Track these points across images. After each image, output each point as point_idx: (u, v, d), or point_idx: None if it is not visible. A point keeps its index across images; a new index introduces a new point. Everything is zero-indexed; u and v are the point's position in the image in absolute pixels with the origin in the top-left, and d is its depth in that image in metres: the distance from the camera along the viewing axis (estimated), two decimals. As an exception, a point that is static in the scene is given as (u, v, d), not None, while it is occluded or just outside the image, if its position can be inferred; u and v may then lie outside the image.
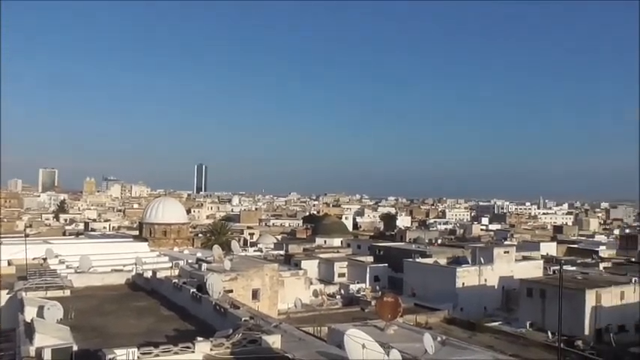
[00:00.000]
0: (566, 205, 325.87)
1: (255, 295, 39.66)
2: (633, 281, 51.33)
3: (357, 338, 16.11)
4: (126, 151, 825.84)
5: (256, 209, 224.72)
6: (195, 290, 27.63)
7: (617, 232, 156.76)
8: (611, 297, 48.49)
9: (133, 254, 46.99)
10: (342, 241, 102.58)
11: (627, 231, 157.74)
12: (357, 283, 66.38)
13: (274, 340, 18.26)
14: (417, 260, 68.10)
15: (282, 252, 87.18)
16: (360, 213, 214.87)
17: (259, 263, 46.54)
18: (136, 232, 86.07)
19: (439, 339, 21.35)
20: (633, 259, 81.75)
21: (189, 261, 47.68)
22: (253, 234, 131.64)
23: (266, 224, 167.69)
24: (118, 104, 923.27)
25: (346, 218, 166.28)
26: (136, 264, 41.11)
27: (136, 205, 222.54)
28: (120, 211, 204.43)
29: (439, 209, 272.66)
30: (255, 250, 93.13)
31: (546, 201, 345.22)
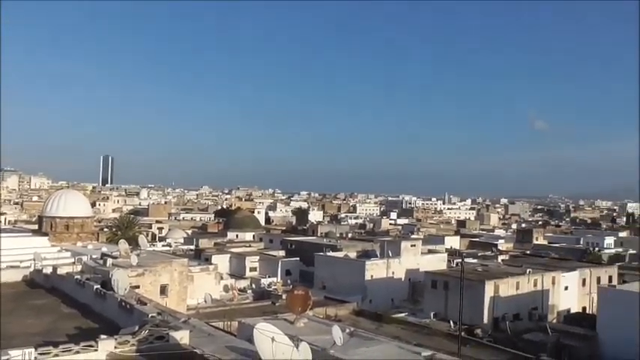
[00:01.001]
0: (469, 201, 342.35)
1: (163, 290, 38.69)
2: (527, 272, 54.73)
3: (266, 332, 16.16)
4: (24, 140, 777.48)
5: (166, 203, 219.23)
6: (99, 286, 26.63)
7: (514, 226, 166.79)
8: (507, 287, 51.45)
9: (31, 249, 44.30)
10: (254, 236, 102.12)
11: (523, 225, 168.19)
12: (269, 277, 66.36)
13: (182, 336, 17.96)
14: (328, 254, 69.01)
15: (192, 247, 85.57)
16: (272, 207, 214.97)
17: (168, 258, 45.43)
18: (35, 227, 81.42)
19: (347, 330, 21.86)
20: (528, 252, 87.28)
21: (94, 256, 45.76)
22: (162, 228, 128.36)
23: (176, 218, 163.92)
24: (13, 89, 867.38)
25: (258, 212, 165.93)
26: (34, 260, 38.88)
27: (35, 198, 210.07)
28: (17, 204, 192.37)
29: (350, 204, 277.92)
30: (163, 245, 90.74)
31: (451, 197, 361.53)
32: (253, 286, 63.23)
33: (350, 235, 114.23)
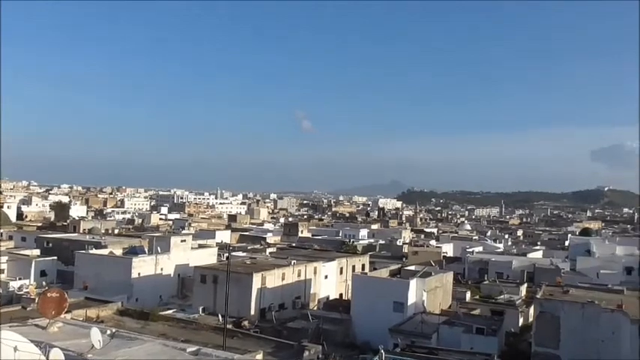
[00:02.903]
0: (240, 196, 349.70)
1: None
2: (292, 263, 57.73)
3: (8, 341, 14.32)
4: None
5: None
6: None
7: (282, 220, 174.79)
8: (274, 279, 53.68)
9: None
10: (2, 233, 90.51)
11: (290, 219, 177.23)
12: (20, 279, 59.47)
13: None
14: (91, 252, 64.46)
15: None
16: (26, 201, 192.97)
17: None
18: None
19: (109, 332, 20.59)
20: (294, 244, 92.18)
21: None
22: None
23: None
24: None
25: (9, 207, 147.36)
26: None
27: None
28: None
29: (118, 198, 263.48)
30: None
31: (223, 191, 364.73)
32: (0, 290, 56.02)
33: (117, 231, 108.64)
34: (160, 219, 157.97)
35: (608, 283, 54.38)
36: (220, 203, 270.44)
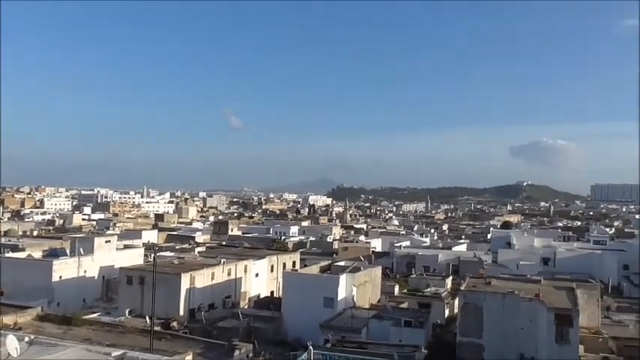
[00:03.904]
0: (168, 194, 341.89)
1: None
2: (222, 262, 57.05)
3: None
4: None
5: None
6: None
7: (212, 218, 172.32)
8: (203, 278, 52.84)
9: None
10: None
11: (220, 217, 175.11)
12: None
13: None
14: (7, 255, 61.22)
15: None
16: None
17: None
18: None
19: (27, 339, 19.63)
20: (224, 243, 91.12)
21: None
22: None
23: None
24: None
25: None
26: None
27: None
28: None
29: (37, 198, 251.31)
30: None
31: (150, 190, 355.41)
32: None
33: (35, 232, 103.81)
34: (83, 219, 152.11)
35: (526, 274, 57.11)
36: (147, 202, 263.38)
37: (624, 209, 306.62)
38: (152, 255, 68.59)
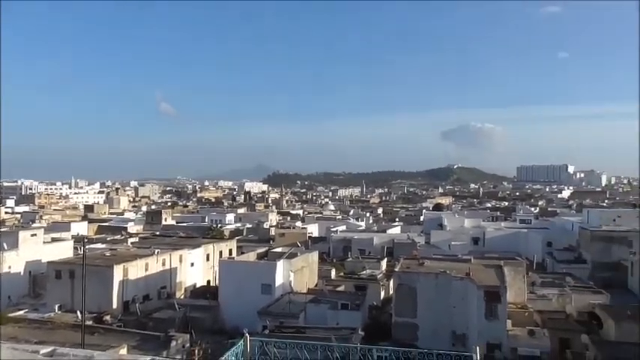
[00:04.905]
0: (97, 185, 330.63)
1: None
2: (156, 253, 55.91)
3: None
4: None
5: None
6: None
7: (144, 208, 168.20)
8: (137, 270, 51.65)
9: None
10: None
11: (153, 207, 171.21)
12: None
13: None
14: None
15: None
16: None
17: None
18: None
19: (-54, 341, 18.53)
20: (157, 233, 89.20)
21: None
22: None
23: None
24: None
25: None
26: None
27: None
28: None
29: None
30: None
31: (78, 181, 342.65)
32: None
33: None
34: (6, 212, 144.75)
35: (458, 254, 59.15)
36: (75, 193, 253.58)
37: (547, 189, 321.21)
38: (82, 247, 66.52)
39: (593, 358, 34.29)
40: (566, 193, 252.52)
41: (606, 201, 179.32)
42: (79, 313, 42.32)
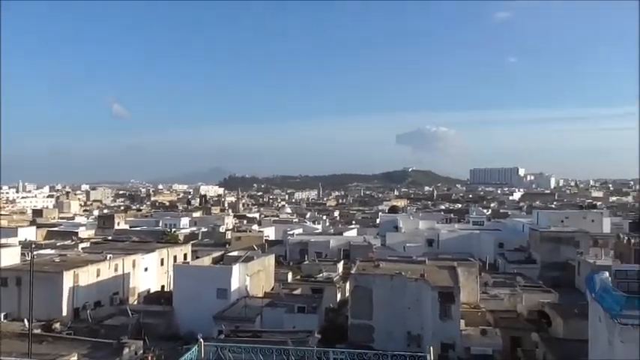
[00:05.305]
0: (47, 188, 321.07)
1: None
2: (108, 258, 54.63)
3: None
4: None
5: None
6: None
7: (96, 212, 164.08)
8: (88, 276, 50.35)
9: None
10: None
11: (105, 211, 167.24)
12: None
13: None
14: None
15: None
16: None
17: None
18: None
19: None
20: (110, 237, 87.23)
21: None
22: None
23: None
24: None
25: None
26: None
27: None
28: None
29: None
30: None
31: (26, 184, 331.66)
32: None
33: None
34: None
35: (413, 255, 59.85)
36: (23, 197, 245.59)
37: (499, 191, 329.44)
38: (30, 253, 64.31)
39: (543, 355, 35.30)
40: (517, 195, 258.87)
41: (555, 203, 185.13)
42: (26, 321, 40.93)
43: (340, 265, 62.41)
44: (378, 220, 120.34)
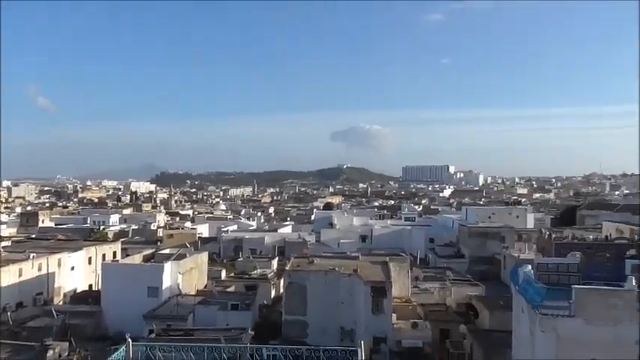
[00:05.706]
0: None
1: None
2: (32, 257, 52.30)
3: None
4: None
5: None
6: None
7: (18, 209, 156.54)
8: (9, 276, 48.06)
9: None
10: None
11: (29, 208, 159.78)
12: None
13: None
14: None
15: None
16: None
17: None
18: None
19: None
20: (33, 235, 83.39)
21: None
22: None
23: None
24: None
25: None
26: None
27: None
28: None
29: None
30: None
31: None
32: None
33: None
34: None
35: (347, 251, 60.63)
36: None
37: (430, 188, 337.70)
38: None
39: (470, 346, 36.58)
40: (447, 192, 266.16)
41: (483, 199, 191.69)
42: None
43: (275, 262, 62.30)
44: (312, 217, 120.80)
